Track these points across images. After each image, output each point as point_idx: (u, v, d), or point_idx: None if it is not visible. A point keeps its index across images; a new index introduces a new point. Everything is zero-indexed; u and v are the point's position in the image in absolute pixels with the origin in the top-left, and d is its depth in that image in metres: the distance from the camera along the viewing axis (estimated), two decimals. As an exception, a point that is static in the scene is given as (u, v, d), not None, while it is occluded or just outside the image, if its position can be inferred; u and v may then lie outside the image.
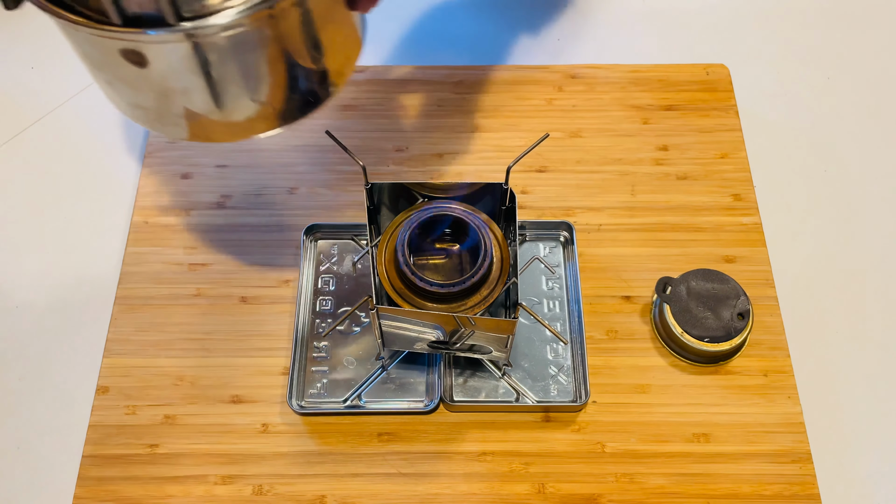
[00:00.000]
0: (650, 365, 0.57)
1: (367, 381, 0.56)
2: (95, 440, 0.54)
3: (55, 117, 0.69)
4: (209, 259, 0.61)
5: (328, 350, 0.57)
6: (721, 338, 0.55)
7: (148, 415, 0.55)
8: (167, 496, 0.53)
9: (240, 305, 0.59)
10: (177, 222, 0.62)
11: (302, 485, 0.53)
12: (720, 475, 0.53)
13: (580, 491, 0.53)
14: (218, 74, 0.36)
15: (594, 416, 0.55)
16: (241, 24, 0.33)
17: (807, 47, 0.74)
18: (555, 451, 0.54)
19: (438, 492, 0.53)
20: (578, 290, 0.58)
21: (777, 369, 0.57)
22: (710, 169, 0.64)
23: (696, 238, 0.62)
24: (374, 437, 0.54)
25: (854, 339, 0.59)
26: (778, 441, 0.54)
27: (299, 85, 0.39)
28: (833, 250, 0.63)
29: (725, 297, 0.56)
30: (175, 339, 0.58)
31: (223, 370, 0.57)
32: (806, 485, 0.53)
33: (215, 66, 0.35)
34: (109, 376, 0.56)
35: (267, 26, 0.34)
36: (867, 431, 0.56)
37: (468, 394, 0.55)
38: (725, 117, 0.67)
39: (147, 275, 0.60)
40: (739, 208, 0.63)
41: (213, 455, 0.54)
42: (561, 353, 0.57)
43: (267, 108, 0.39)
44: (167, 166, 0.65)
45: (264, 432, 0.55)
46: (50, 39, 0.73)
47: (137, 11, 0.31)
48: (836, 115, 0.70)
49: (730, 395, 0.56)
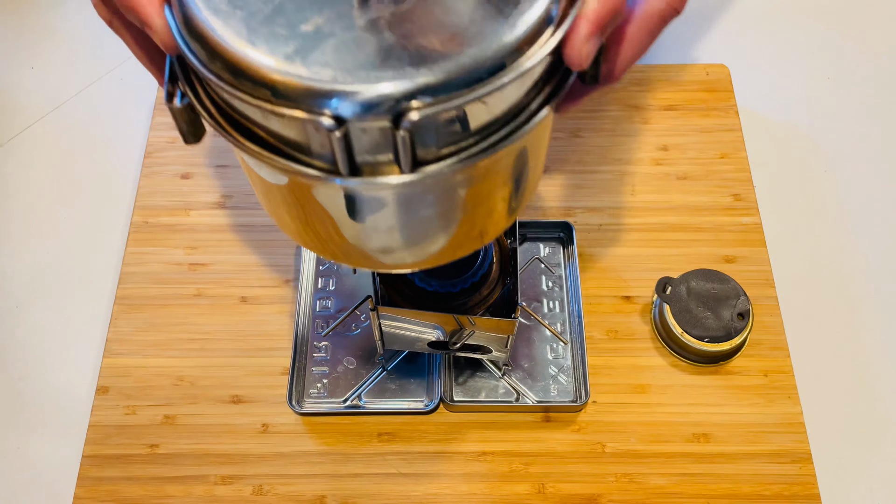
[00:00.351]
0: (650, 365, 0.57)
1: (367, 382, 0.56)
2: (95, 440, 0.54)
3: (55, 117, 0.69)
4: (209, 259, 0.61)
5: (328, 350, 0.57)
6: (721, 338, 0.55)
7: (148, 415, 0.55)
8: (167, 496, 0.53)
9: (240, 305, 0.59)
10: (177, 222, 0.62)
11: (302, 485, 0.53)
12: (720, 475, 0.53)
13: (580, 491, 0.53)
14: (428, 214, 0.35)
15: (594, 416, 0.55)
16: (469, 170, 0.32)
17: (807, 47, 0.74)
18: (555, 451, 0.54)
19: (438, 492, 0.53)
20: (578, 290, 0.58)
21: (777, 369, 0.57)
22: (710, 169, 0.64)
23: (696, 238, 0.61)
24: (374, 437, 0.54)
25: (854, 339, 0.59)
26: (778, 441, 0.54)
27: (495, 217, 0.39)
28: (833, 250, 0.63)
29: (725, 297, 0.56)
30: (175, 340, 0.58)
31: (223, 370, 0.57)
32: (806, 485, 0.53)
33: (427, 207, 0.35)
34: (109, 376, 0.56)
35: (485, 169, 0.34)
36: (867, 431, 0.56)
37: (468, 394, 0.55)
38: (725, 117, 0.67)
39: (147, 275, 0.60)
40: (739, 208, 0.63)
41: (213, 455, 0.54)
42: (561, 353, 0.57)
43: (461, 240, 0.39)
44: (167, 166, 0.65)
45: (264, 432, 0.55)
46: (49, 40, 0.73)
47: (370, 161, 0.30)
48: (836, 115, 0.70)
49: (730, 395, 0.56)
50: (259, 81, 0.29)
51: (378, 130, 0.29)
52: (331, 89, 0.28)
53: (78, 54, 0.72)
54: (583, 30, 0.31)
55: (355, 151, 0.30)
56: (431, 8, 0.30)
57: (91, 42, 0.73)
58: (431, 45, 0.29)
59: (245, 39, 0.29)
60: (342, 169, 0.30)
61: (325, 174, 0.31)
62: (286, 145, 0.31)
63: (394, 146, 0.29)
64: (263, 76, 0.29)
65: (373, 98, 0.28)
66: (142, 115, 0.69)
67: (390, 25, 0.29)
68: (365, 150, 0.30)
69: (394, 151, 0.30)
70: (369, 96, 0.28)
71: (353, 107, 0.28)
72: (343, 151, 0.29)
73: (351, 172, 0.30)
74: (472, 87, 0.29)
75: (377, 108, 0.28)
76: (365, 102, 0.28)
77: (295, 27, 0.29)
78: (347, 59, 0.28)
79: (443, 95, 0.28)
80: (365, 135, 0.29)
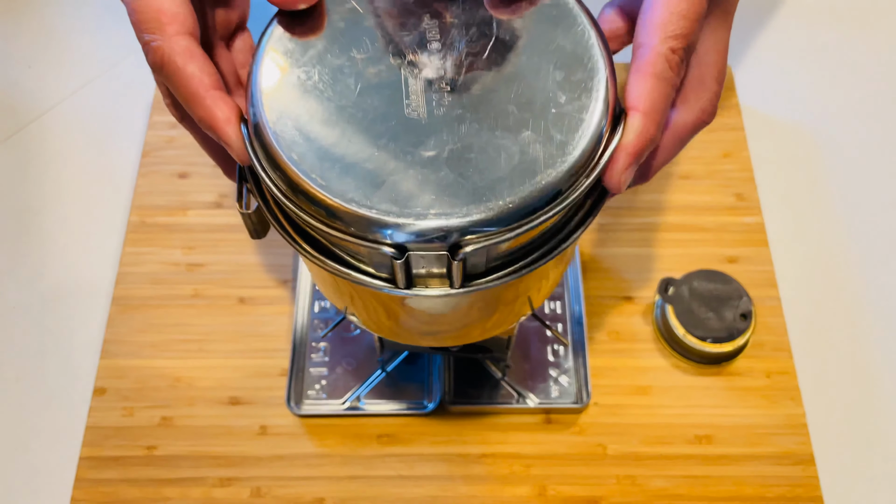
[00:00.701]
0: (652, 366, 0.56)
1: (366, 383, 0.55)
2: (92, 442, 0.54)
3: (52, 116, 0.69)
4: (207, 259, 0.60)
5: (327, 351, 0.57)
6: (723, 339, 0.55)
7: (145, 416, 0.55)
8: (165, 498, 0.52)
9: (238, 306, 0.59)
10: (174, 222, 0.62)
11: (301, 487, 0.53)
12: (722, 477, 0.53)
13: (581, 493, 0.52)
14: (471, 310, 0.40)
15: (595, 417, 0.55)
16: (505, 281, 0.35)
17: (810, 46, 0.73)
18: (556, 453, 0.54)
19: (438, 494, 0.52)
20: (579, 291, 0.58)
21: (780, 370, 0.56)
22: (712, 168, 0.64)
23: (698, 238, 0.61)
24: (373, 439, 0.54)
25: (857, 340, 0.59)
26: (781, 443, 0.54)
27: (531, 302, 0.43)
28: (836, 250, 0.63)
29: (728, 297, 0.56)
30: (172, 341, 0.57)
31: (221, 371, 0.56)
32: (809, 487, 0.53)
33: (471, 305, 0.39)
34: (106, 378, 0.56)
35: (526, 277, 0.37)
36: (870, 433, 0.56)
37: (468, 395, 0.55)
38: (728, 117, 0.66)
39: (144, 275, 0.60)
40: (742, 208, 0.62)
41: (211, 457, 0.53)
42: (562, 355, 0.56)
43: (499, 324, 0.43)
44: (164, 166, 0.64)
45: (263, 434, 0.54)
46: (47, 39, 0.73)
47: (424, 275, 0.34)
48: (839, 114, 0.69)
49: (732, 396, 0.55)
50: (331, 212, 0.32)
51: (435, 257, 0.33)
52: (394, 222, 0.31)
53: (75, 53, 0.72)
54: (622, 162, 0.33)
55: (412, 270, 0.34)
56: (486, 146, 0.33)
57: (88, 41, 0.73)
58: (486, 183, 0.32)
59: (318, 175, 0.32)
60: (400, 284, 0.34)
61: (384, 283, 0.35)
62: (348, 255, 0.35)
63: (448, 269, 0.33)
64: (334, 208, 0.32)
65: (432, 232, 0.31)
66: (139, 114, 0.68)
67: (448, 163, 0.32)
68: (421, 269, 0.34)
69: (447, 272, 0.33)
70: (429, 230, 0.31)
71: (413, 238, 0.32)
72: (402, 273, 0.33)
73: (407, 286, 0.34)
74: (522, 222, 0.32)
75: (436, 241, 0.32)
76: (425, 235, 0.31)
77: (364, 162, 0.32)
78: (410, 194, 0.32)
79: (495, 230, 0.32)
80: (422, 260, 0.33)
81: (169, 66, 0.33)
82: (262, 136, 0.33)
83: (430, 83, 0.34)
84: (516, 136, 0.33)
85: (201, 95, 0.33)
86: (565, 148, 0.33)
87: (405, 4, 0.36)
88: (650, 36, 0.33)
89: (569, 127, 0.33)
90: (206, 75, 0.33)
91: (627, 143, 0.33)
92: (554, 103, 0.33)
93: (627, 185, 0.34)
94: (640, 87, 0.33)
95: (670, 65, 0.33)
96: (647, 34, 0.34)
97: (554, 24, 0.35)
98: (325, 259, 0.35)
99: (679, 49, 0.34)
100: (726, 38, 0.38)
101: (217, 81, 0.34)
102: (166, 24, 0.33)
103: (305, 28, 0.35)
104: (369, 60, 0.35)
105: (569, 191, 0.33)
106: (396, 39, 0.35)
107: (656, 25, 0.33)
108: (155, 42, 0.33)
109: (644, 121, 0.33)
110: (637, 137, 0.33)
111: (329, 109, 0.34)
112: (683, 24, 0.33)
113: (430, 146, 0.33)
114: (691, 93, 0.37)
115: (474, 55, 0.35)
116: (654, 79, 0.33)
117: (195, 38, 0.34)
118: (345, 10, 0.36)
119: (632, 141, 0.33)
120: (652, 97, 0.33)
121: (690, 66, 0.37)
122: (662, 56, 0.33)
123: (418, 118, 0.33)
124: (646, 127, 0.33)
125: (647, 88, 0.33)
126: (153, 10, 0.33)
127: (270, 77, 0.34)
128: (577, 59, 0.34)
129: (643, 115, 0.33)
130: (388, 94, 0.34)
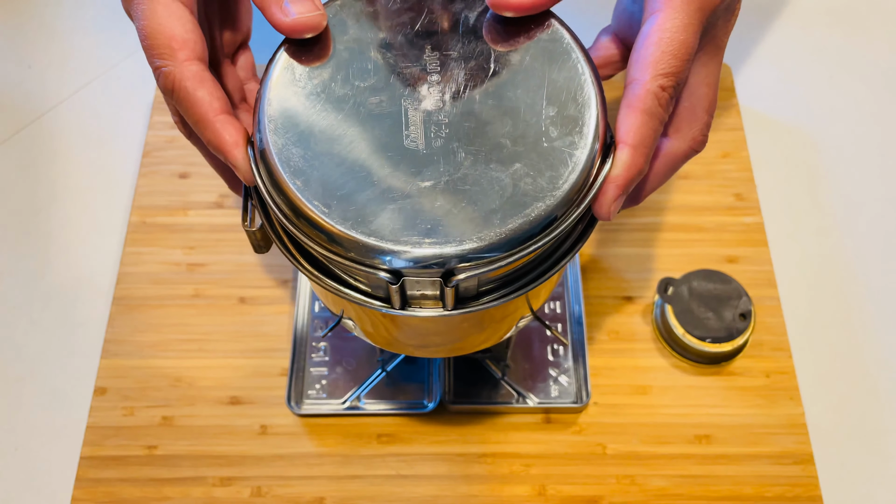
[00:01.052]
0: (651, 366, 0.57)
1: (366, 383, 0.56)
2: (93, 441, 0.54)
3: (52, 116, 0.69)
4: (207, 259, 0.60)
5: (327, 351, 0.57)
6: (723, 338, 0.55)
7: (146, 416, 0.55)
8: (165, 498, 0.52)
9: (238, 306, 0.59)
10: (175, 222, 0.62)
11: (301, 486, 0.53)
12: (722, 477, 0.53)
13: (581, 493, 0.52)
14: (462, 327, 0.41)
15: (595, 417, 0.55)
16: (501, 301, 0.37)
17: (809, 46, 0.73)
18: (555, 452, 0.54)
19: (438, 494, 0.52)
20: (579, 291, 0.58)
21: (779, 370, 0.56)
22: (711, 168, 0.64)
23: (697, 238, 0.61)
24: (373, 439, 0.54)
25: (856, 340, 0.59)
26: (780, 442, 0.54)
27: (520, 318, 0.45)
28: (835, 250, 0.63)
29: (727, 297, 0.56)
30: (173, 340, 0.57)
31: (221, 371, 0.56)
32: (808, 486, 0.53)
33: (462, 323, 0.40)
34: (107, 377, 0.56)
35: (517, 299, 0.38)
36: (870, 433, 0.56)
37: (468, 395, 0.55)
38: (727, 116, 0.67)
39: (145, 275, 0.60)
40: (741, 208, 0.62)
41: (212, 457, 0.53)
42: (562, 355, 0.57)
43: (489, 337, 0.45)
44: (165, 166, 0.64)
45: (263, 434, 0.54)
46: (47, 38, 0.73)
47: (418, 297, 0.36)
48: (838, 114, 0.69)
49: (732, 396, 0.55)
50: (331, 237, 0.34)
51: (429, 282, 0.34)
52: (391, 249, 0.33)
53: (76, 53, 0.72)
54: (611, 193, 0.35)
55: (407, 293, 0.35)
56: (480, 178, 0.34)
57: (89, 41, 0.73)
58: (479, 214, 0.33)
59: (320, 201, 0.34)
60: (395, 305, 0.36)
61: (381, 304, 0.36)
62: (347, 275, 0.37)
63: (441, 293, 0.35)
64: (334, 234, 0.33)
65: (427, 259, 0.33)
66: (140, 114, 0.68)
67: (444, 193, 0.34)
68: (416, 291, 0.35)
69: (441, 296, 0.35)
70: (424, 257, 0.33)
71: (409, 265, 0.33)
72: (398, 295, 0.35)
73: (402, 307, 0.36)
74: (512, 252, 0.34)
75: (430, 267, 0.33)
76: (420, 262, 0.33)
77: (364, 190, 0.34)
78: (407, 222, 0.33)
79: (488, 258, 0.33)
80: (417, 284, 0.34)
81: (180, 91, 0.34)
82: (268, 161, 0.35)
83: (429, 115, 0.36)
84: (509, 168, 0.34)
85: (210, 120, 0.34)
86: (556, 182, 0.34)
87: (407, 36, 0.37)
88: (641, 72, 0.35)
89: (559, 161, 0.35)
90: (215, 100, 0.34)
91: (617, 175, 0.34)
92: (546, 138, 0.35)
93: (617, 212, 0.36)
94: (629, 121, 0.35)
95: (659, 102, 0.35)
96: (639, 70, 0.35)
97: (549, 59, 0.37)
98: (325, 278, 0.37)
99: (669, 87, 0.35)
100: (717, 72, 0.39)
101: (225, 105, 0.35)
102: (177, 51, 0.34)
103: (311, 56, 0.37)
104: (371, 90, 0.36)
105: (558, 222, 0.34)
106: (398, 70, 0.36)
107: (648, 63, 0.35)
108: (166, 68, 0.34)
109: (632, 154, 0.34)
110: (626, 170, 0.34)
111: (332, 137, 0.35)
112: (674, 63, 0.35)
113: (428, 176, 0.34)
114: (683, 123, 0.39)
115: (472, 88, 0.36)
116: (643, 115, 0.35)
117: (204, 62, 0.35)
118: (349, 39, 0.37)
119: (621, 173, 0.34)
120: (641, 132, 0.35)
121: (682, 97, 0.38)
122: (652, 93, 0.35)
123: (417, 149, 0.35)
124: (634, 160, 0.34)
125: (636, 124, 0.35)
126: (165, 37, 0.34)
127: (277, 104, 0.36)
128: (569, 94, 0.36)
129: (632, 149, 0.34)
130: (389, 125, 0.35)
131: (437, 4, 0.38)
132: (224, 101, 0.35)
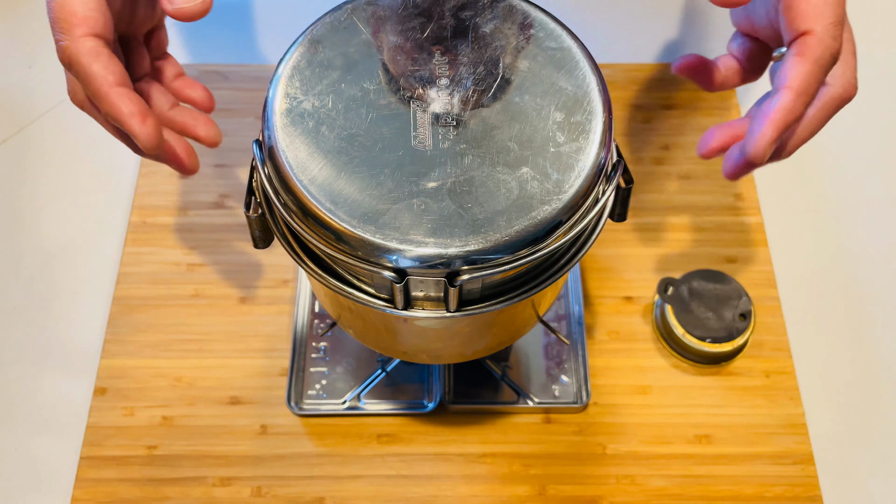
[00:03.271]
0: (651, 366, 0.57)
1: (366, 383, 0.56)
2: (93, 442, 0.54)
3: (53, 116, 0.69)
4: (207, 259, 0.60)
5: (327, 351, 0.57)
6: (723, 338, 0.55)
7: (146, 416, 0.55)
8: (165, 498, 0.52)
9: (238, 306, 0.59)
10: (175, 222, 0.62)
11: (301, 487, 0.53)
12: (722, 477, 0.53)
13: (581, 493, 0.52)
14: (465, 332, 0.41)
15: (595, 417, 0.55)
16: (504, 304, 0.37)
17: (809, 46, 0.73)
18: (555, 452, 0.54)
19: (438, 494, 0.52)
20: (579, 291, 0.58)
21: (779, 370, 0.56)
22: (712, 168, 0.64)
23: (697, 238, 0.61)
24: (373, 439, 0.54)
25: (856, 340, 0.59)
26: (780, 442, 0.54)
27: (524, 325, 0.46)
28: (835, 250, 0.63)
29: (727, 297, 0.56)
30: (173, 340, 0.57)
31: (221, 371, 0.56)
32: (808, 486, 0.53)
33: (465, 327, 0.41)
34: (107, 377, 0.56)
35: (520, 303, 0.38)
36: (869, 432, 0.56)
37: (468, 395, 0.55)
38: (727, 116, 0.67)
39: (145, 275, 0.60)
40: (741, 208, 0.62)
41: (212, 457, 0.53)
42: (562, 355, 0.57)
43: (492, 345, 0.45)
44: (165, 166, 0.64)
45: (263, 434, 0.54)
46: (47, 39, 0.73)
47: (422, 298, 0.36)
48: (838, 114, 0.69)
49: (731, 396, 0.55)
50: (337, 235, 0.34)
51: (433, 283, 0.34)
52: (396, 248, 0.33)
53: (76, 53, 0.72)
54: (769, 134, 0.35)
55: (411, 293, 0.35)
56: (487, 180, 0.34)
57: (89, 41, 0.73)
58: (485, 216, 0.34)
59: (327, 199, 0.34)
60: (398, 305, 0.36)
61: (384, 304, 0.36)
62: (350, 274, 0.37)
63: (444, 294, 0.35)
64: (341, 231, 0.34)
65: (431, 259, 0.33)
66: (140, 114, 0.68)
67: (450, 194, 0.34)
68: (419, 292, 0.35)
69: (444, 297, 0.35)
70: (429, 257, 0.33)
71: (413, 264, 0.33)
72: (401, 295, 0.35)
73: (405, 307, 0.36)
74: (517, 255, 0.34)
75: (434, 267, 0.33)
76: (424, 262, 0.33)
77: (371, 189, 0.34)
78: (412, 222, 0.33)
79: (492, 260, 0.33)
80: (421, 284, 0.34)
81: (76, 65, 0.36)
82: (275, 158, 0.35)
83: (438, 117, 0.36)
84: (516, 172, 0.35)
85: (105, 91, 0.36)
86: (561, 186, 0.34)
87: (417, 40, 0.38)
88: (811, 22, 0.35)
89: (566, 166, 0.35)
90: (109, 73, 0.36)
91: (777, 118, 0.35)
92: (553, 143, 0.35)
93: (767, 158, 0.36)
94: (797, 69, 0.35)
95: (831, 52, 0.35)
96: (807, 20, 0.35)
97: (557, 67, 0.37)
98: (328, 277, 0.37)
99: (839, 36, 0.35)
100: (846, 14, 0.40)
101: (122, 78, 0.36)
102: (75, 26, 0.36)
103: (321, 57, 0.37)
104: (381, 92, 0.36)
105: (564, 226, 0.34)
106: (408, 73, 0.37)
107: (816, 14, 0.35)
108: (63, 42, 0.36)
109: (794, 99, 0.35)
110: (785, 113, 0.35)
111: (340, 137, 0.35)
112: (838, 10, 0.35)
113: (434, 177, 0.34)
114: (837, 68, 0.38)
115: (480, 92, 0.36)
116: (812, 64, 0.35)
117: (104, 38, 0.36)
118: (360, 42, 0.38)
119: (780, 116, 0.35)
120: (808, 80, 0.35)
121: None
122: (825, 45, 0.35)
123: (424, 150, 0.35)
124: (794, 104, 0.35)
125: (804, 71, 0.35)
126: (66, 13, 0.36)
127: (285, 102, 0.36)
128: (577, 101, 0.36)
129: (795, 94, 0.35)
130: (397, 126, 0.36)
131: (447, 10, 0.38)
132: (120, 74, 0.36)
